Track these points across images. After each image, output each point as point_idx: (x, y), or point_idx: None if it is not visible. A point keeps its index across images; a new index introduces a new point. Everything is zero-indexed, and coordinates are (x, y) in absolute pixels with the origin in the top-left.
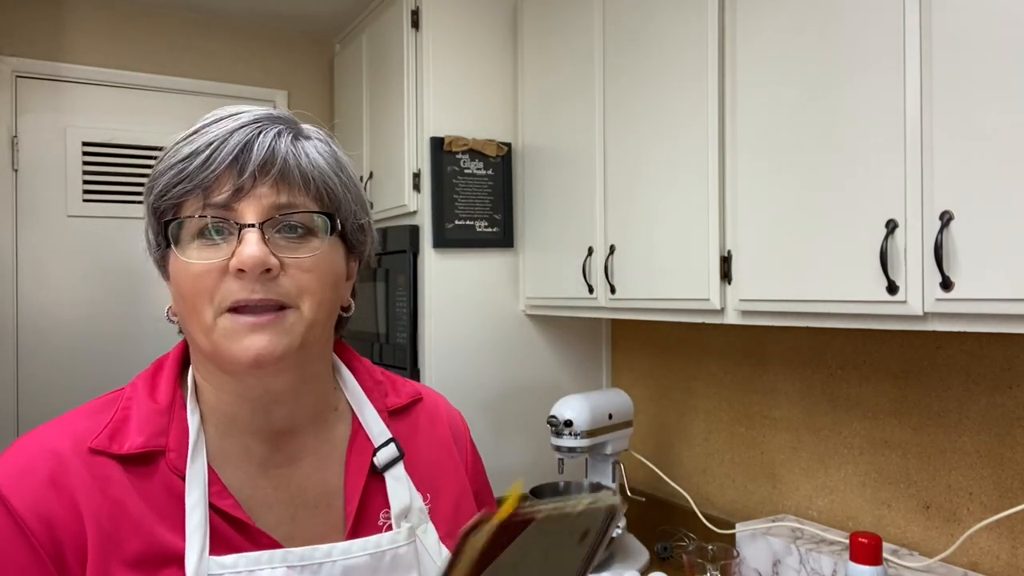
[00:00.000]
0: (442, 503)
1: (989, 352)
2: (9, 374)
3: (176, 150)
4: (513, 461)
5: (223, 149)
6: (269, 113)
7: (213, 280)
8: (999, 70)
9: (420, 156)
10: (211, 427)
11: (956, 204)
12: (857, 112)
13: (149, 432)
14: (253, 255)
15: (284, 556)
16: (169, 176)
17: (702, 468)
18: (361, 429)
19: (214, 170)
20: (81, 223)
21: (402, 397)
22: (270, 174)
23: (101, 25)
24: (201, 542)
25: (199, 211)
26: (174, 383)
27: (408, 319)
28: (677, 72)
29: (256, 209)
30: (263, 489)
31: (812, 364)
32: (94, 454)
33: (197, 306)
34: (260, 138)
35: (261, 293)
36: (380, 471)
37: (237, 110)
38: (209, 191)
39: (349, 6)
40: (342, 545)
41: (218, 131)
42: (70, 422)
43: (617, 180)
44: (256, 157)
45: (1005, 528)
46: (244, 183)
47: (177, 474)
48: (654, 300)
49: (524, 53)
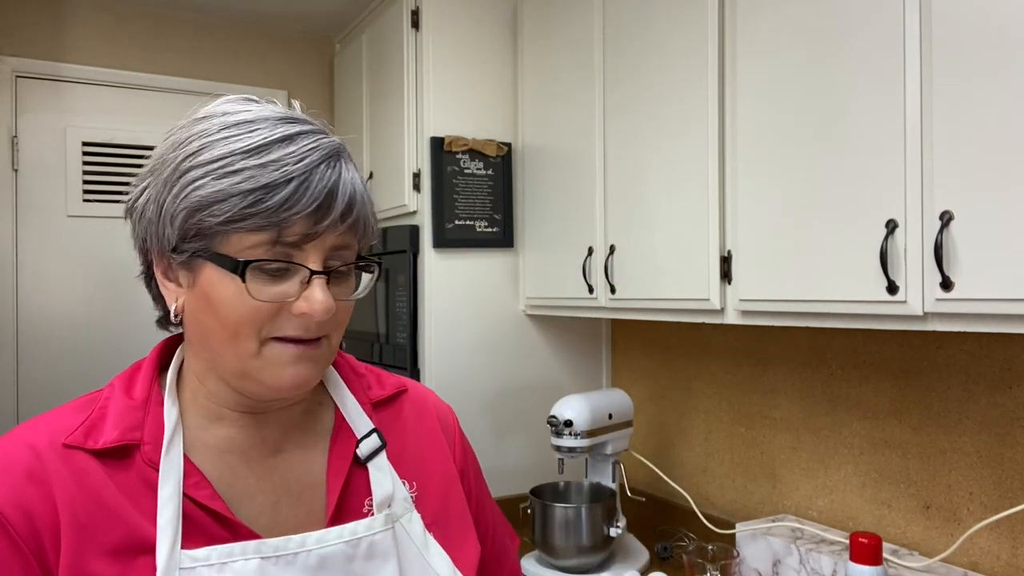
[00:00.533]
0: (428, 492)
1: (989, 352)
2: (9, 374)
3: (236, 169)
4: (513, 461)
5: (305, 192)
6: (332, 142)
7: (269, 314)
8: (999, 70)
9: (420, 156)
10: (192, 420)
11: (956, 204)
12: (857, 111)
13: (124, 427)
14: (327, 306)
15: (258, 547)
16: (240, 203)
17: (702, 468)
18: (344, 421)
19: (297, 212)
20: (81, 223)
21: (386, 389)
22: (346, 223)
23: (101, 25)
24: (172, 536)
25: (266, 246)
26: (151, 380)
27: (408, 319)
28: (677, 72)
29: (321, 253)
30: (245, 480)
31: (812, 364)
32: (69, 449)
33: (241, 332)
34: (342, 184)
35: (315, 332)
36: (363, 461)
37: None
38: (283, 231)
39: (349, 6)
40: (317, 534)
41: (292, 164)
42: (47, 420)
43: (617, 180)
44: (337, 209)
45: (1005, 528)
46: (319, 229)
47: (152, 466)
48: (654, 300)
49: (524, 53)
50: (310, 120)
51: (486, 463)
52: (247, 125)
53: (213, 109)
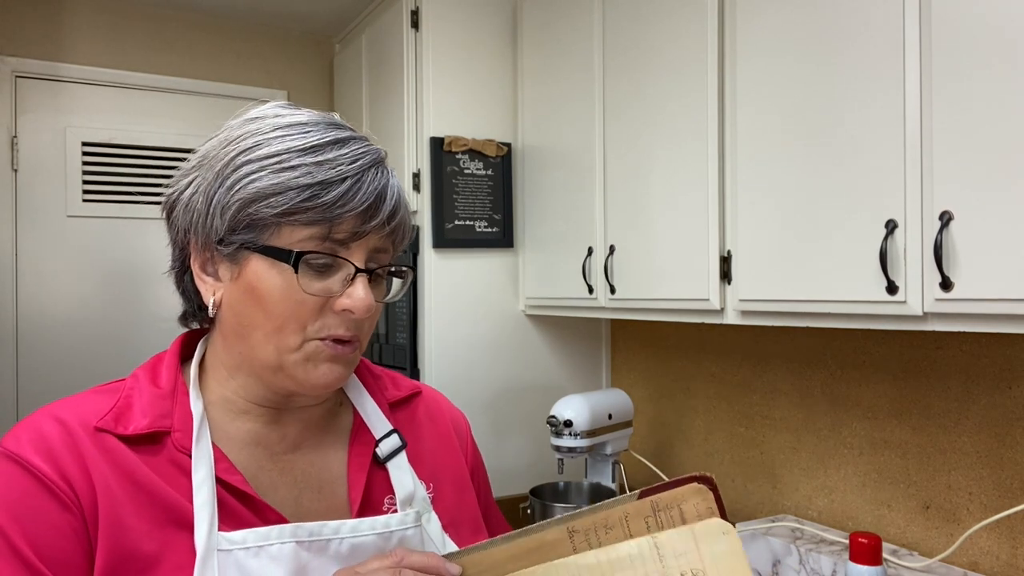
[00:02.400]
0: (444, 493)
1: (989, 352)
2: (9, 374)
3: (293, 165)
4: (513, 461)
5: (358, 192)
6: (378, 150)
7: (314, 310)
8: (999, 71)
9: (420, 156)
10: (216, 412)
11: (956, 204)
12: (857, 111)
13: (153, 414)
14: (368, 304)
15: (294, 531)
16: (297, 197)
17: (702, 468)
18: (363, 421)
19: (349, 210)
20: (81, 223)
21: (402, 390)
22: (387, 227)
23: (101, 25)
24: (210, 517)
25: (318, 244)
26: (176, 372)
27: (408, 319)
28: (677, 72)
29: (364, 252)
30: (269, 471)
31: (812, 364)
32: (100, 432)
33: (286, 327)
34: (389, 189)
35: (354, 330)
36: (383, 461)
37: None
38: (334, 227)
39: (349, 6)
40: (351, 523)
41: (346, 164)
42: (72, 404)
43: (617, 180)
44: (385, 210)
45: (1005, 528)
46: (366, 229)
47: (184, 452)
48: (654, 300)
49: (524, 53)
50: (354, 128)
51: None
52: (300, 127)
53: (264, 111)
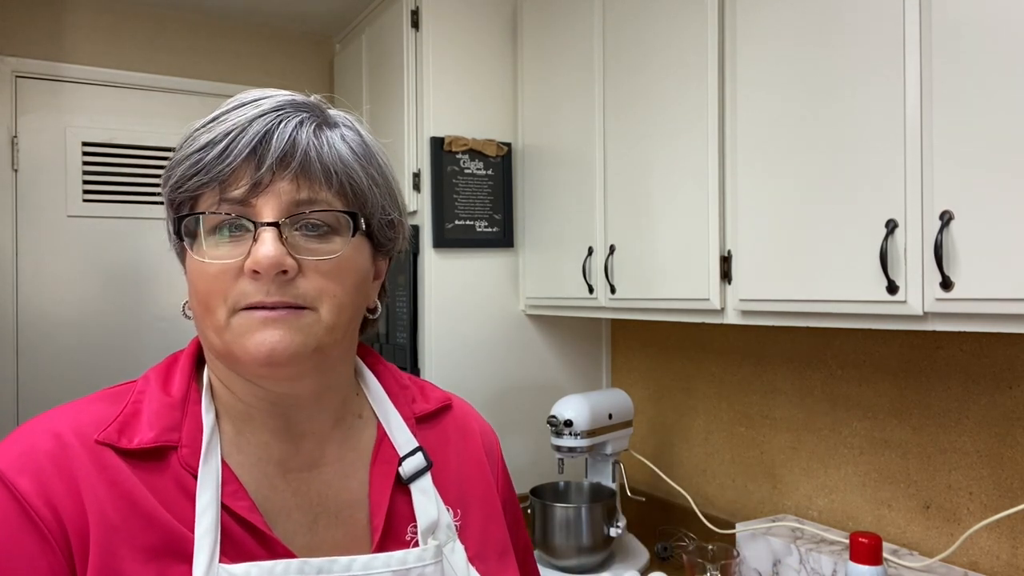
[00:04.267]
0: (472, 521)
1: (989, 352)
2: (9, 374)
3: (194, 138)
4: (513, 461)
5: (241, 140)
6: (293, 99)
7: (228, 280)
8: (999, 70)
9: (420, 156)
10: (226, 423)
11: (956, 204)
12: (857, 112)
13: (160, 427)
14: (268, 255)
15: (300, 567)
16: (185, 167)
17: (702, 468)
18: (386, 437)
19: (230, 163)
20: (81, 223)
21: (430, 403)
22: (289, 168)
23: (101, 25)
24: (211, 548)
25: (214, 206)
26: (189, 377)
27: (408, 319)
28: (677, 71)
29: (275, 206)
30: (282, 493)
31: (812, 364)
32: (100, 446)
33: (211, 305)
34: (280, 128)
35: (277, 295)
36: (406, 482)
37: (261, 95)
38: (226, 185)
39: (349, 6)
40: (364, 559)
41: (237, 119)
42: (75, 412)
43: (617, 180)
44: (275, 149)
45: (1005, 528)
46: (262, 177)
47: (189, 471)
48: (654, 300)
49: (524, 53)
50: (308, 99)
51: None
52: (226, 102)
53: None
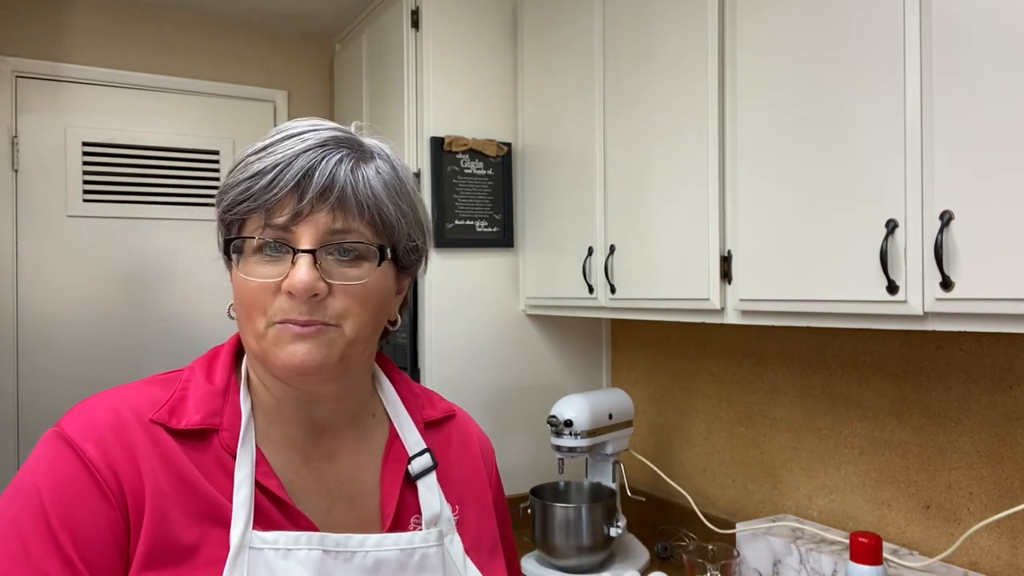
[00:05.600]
0: (469, 517)
1: (989, 352)
2: (9, 374)
3: (246, 165)
4: (513, 461)
5: (287, 173)
6: (336, 135)
7: (267, 295)
8: (999, 70)
9: (420, 156)
10: (259, 414)
11: (956, 204)
12: (857, 111)
13: (205, 411)
14: (304, 281)
15: (321, 540)
16: (236, 192)
17: (702, 468)
18: (397, 437)
19: (276, 193)
20: (81, 223)
21: (437, 411)
22: (328, 200)
23: (101, 25)
24: (246, 515)
25: (259, 230)
26: (229, 370)
27: (408, 319)
28: (678, 71)
29: (312, 234)
30: (304, 478)
31: (812, 364)
32: (153, 425)
33: (252, 315)
34: (323, 164)
35: (308, 314)
36: (413, 479)
37: (308, 127)
38: (271, 212)
39: (349, 6)
40: (375, 537)
41: (284, 153)
42: (131, 393)
43: (617, 180)
44: (316, 184)
45: (1005, 528)
46: (303, 208)
47: (228, 452)
48: (654, 300)
49: (524, 53)
50: (350, 134)
51: None
52: (275, 131)
53: None
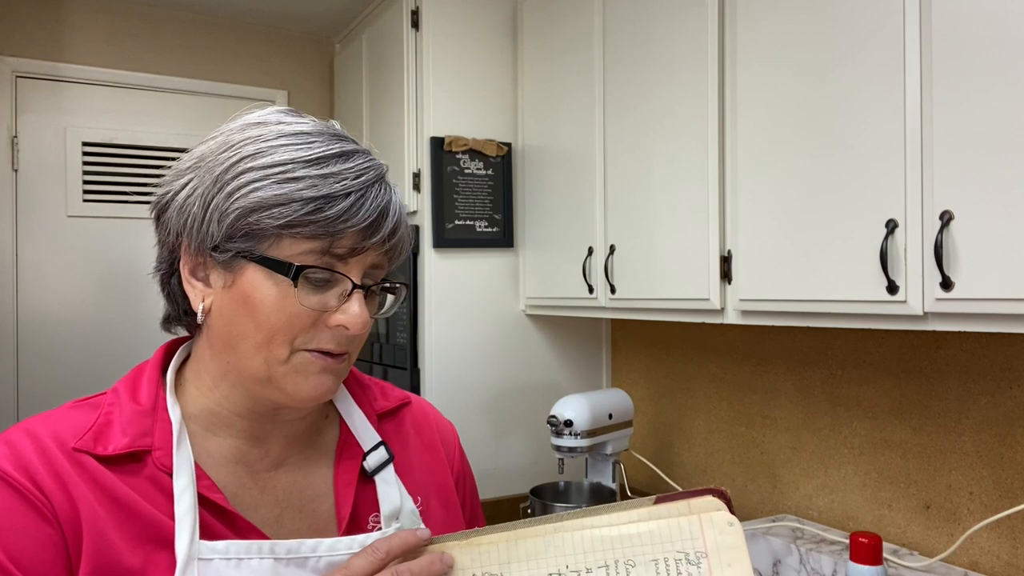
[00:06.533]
0: (432, 507)
1: (989, 352)
2: (9, 374)
3: (301, 177)
4: (513, 461)
5: (363, 206)
6: (380, 163)
7: (305, 323)
8: (999, 71)
9: (420, 156)
10: (196, 426)
11: (956, 204)
12: (857, 111)
13: (134, 433)
14: (364, 321)
15: (272, 548)
16: (300, 209)
17: (702, 468)
18: (350, 434)
19: (351, 225)
20: (81, 223)
21: (391, 401)
22: (390, 242)
23: (101, 25)
24: (191, 525)
25: (317, 258)
26: (156, 386)
27: (408, 319)
28: (678, 71)
29: (361, 268)
30: (250, 490)
31: (812, 364)
32: (78, 452)
33: (275, 338)
34: (392, 204)
35: (345, 346)
36: (370, 475)
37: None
38: (335, 242)
39: (349, 6)
40: (328, 541)
41: (351, 179)
42: (51, 421)
43: (617, 180)
44: (386, 228)
45: (1005, 528)
46: (365, 246)
47: (164, 471)
48: (654, 300)
49: (524, 53)
50: (357, 140)
51: (486, 463)
52: (305, 136)
53: (266, 117)
